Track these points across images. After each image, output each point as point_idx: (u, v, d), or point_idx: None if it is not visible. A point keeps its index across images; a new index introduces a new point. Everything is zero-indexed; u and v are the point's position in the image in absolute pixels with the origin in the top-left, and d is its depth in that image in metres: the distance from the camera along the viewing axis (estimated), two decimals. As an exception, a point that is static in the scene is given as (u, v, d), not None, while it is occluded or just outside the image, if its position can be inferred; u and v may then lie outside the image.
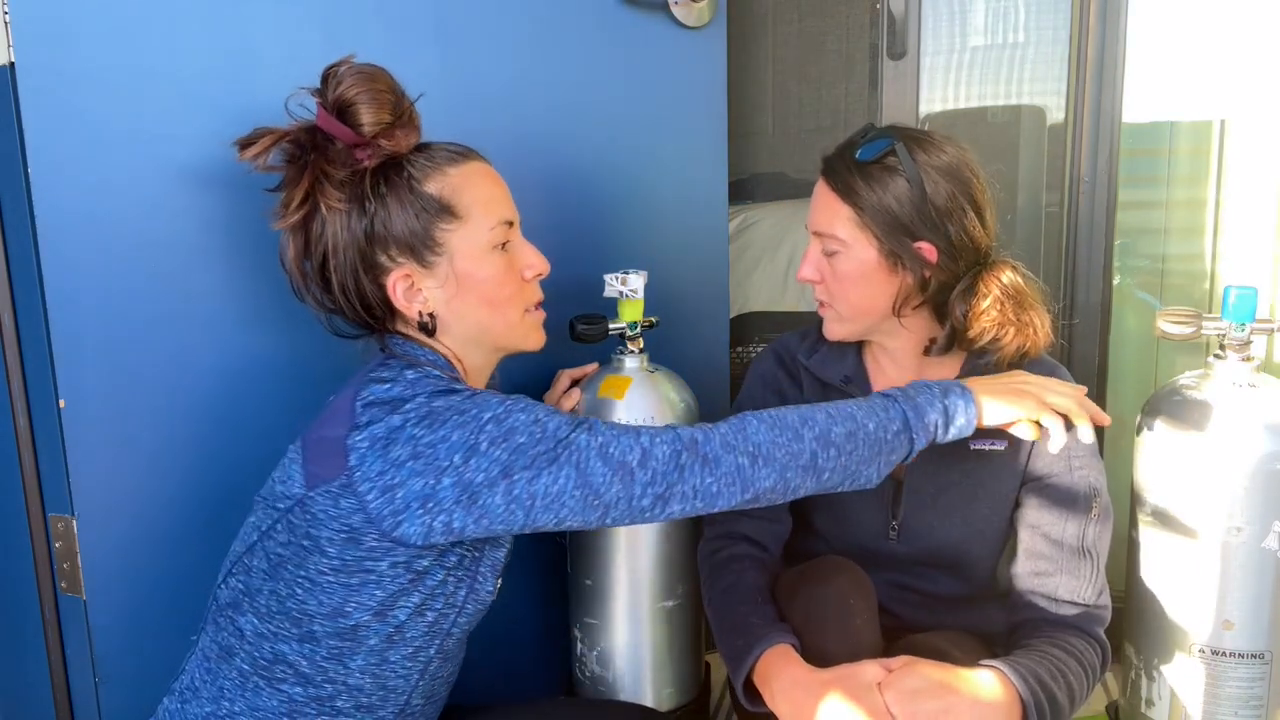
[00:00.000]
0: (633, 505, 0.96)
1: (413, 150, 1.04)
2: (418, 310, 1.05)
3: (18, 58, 1.04)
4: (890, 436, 1.02)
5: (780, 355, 1.35)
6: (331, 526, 0.95)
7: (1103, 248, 1.81)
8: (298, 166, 1.02)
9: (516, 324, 1.09)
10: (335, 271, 1.03)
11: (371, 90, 1.01)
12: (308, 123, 1.03)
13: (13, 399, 1.16)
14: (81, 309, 1.10)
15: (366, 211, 1.01)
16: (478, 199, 1.04)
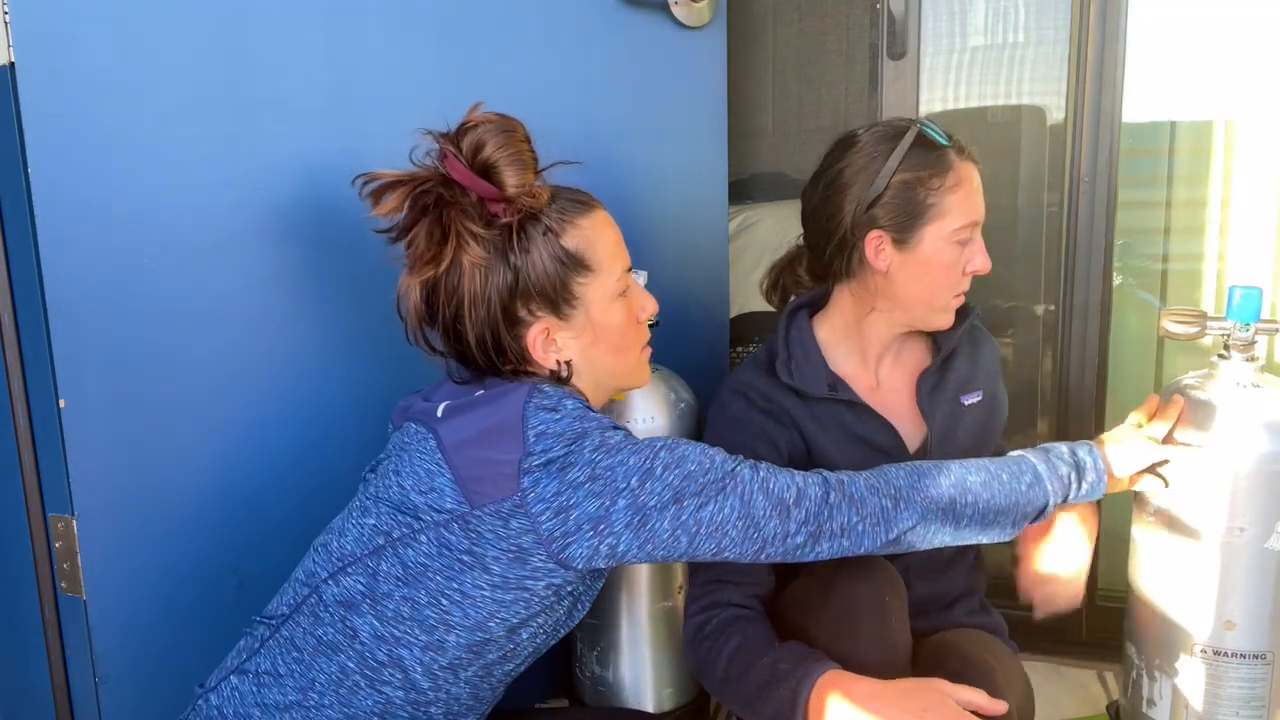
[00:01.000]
0: (788, 541, 1.01)
1: (547, 203, 1.05)
2: (554, 360, 1.06)
3: (18, 58, 1.04)
4: (1025, 488, 1.08)
5: (747, 396, 1.26)
6: (499, 545, 0.97)
7: (1103, 248, 1.81)
8: (433, 219, 1.01)
9: (635, 365, 1.13)
10: (472, 324, 1.03)
11: (515, 151, 1.02)
12: (438, 172, 1.02)
13: (13, 399, 1.16)
14: (81, 309, 1.10)
15: (511, 266, 1.02)
16: (606, 250, 1.07)
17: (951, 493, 1.05)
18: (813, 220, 1.29)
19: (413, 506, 1.00)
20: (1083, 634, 1.91)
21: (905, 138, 1.20)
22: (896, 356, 1.32)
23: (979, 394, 1.31)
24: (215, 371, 1.20)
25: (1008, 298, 1.96)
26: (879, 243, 1.22)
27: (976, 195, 1.22)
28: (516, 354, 1.05)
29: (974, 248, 1.22)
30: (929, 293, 1.23)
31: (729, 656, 1.13)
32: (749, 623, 1.16)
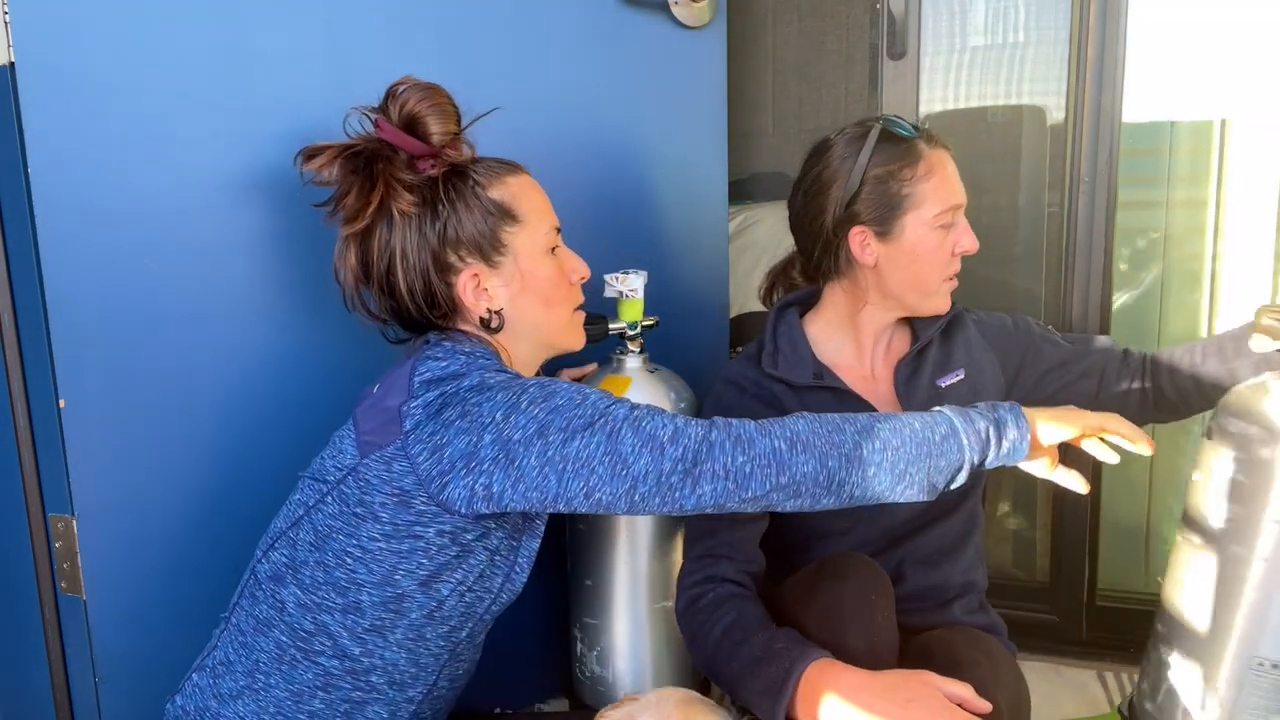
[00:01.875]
0: (661, 481, 0.97)
1: (472, 160, 1.13)
2: (485, 307, 1.11)
3: (18, 58, 1.04)
4: (938, 439, 1.01)
5: (739, 384, 1.33)
6: (384, 491, 1.00)
7: (1103, 248, 1.81)
8: (364, 175, 1.07)
9: (566, 324, 1.17)
10: (404, 274, 1.08)
11: (436, 104, 1.10)
12: (371, 136, 1.10)
13: (13, 399, 1.16)
14: (81, 309, 1.10)
15: (439, 215, 1.08)
16: (532, 207, 1.13)
17: (856, 438, 1.00)
18: (798, 225, 1.34)
19: (324, 472, 1.05)
20: (1083, 634, 1.91)
21: (871, 134, 1.25)
22: (887, 347, 1.35)
23: (959, 373, 1.32)
24: (215, 371, 1.20)
25: (1008, 298, 1.96)
26: (863, 238, 1.27)
27: (952, 180, 1.26)
28: (447, 301, 1.10)
29: (959, 230, 1.27)
30: (920, 279, 1.27)
31: (723, 630, 1.14)
32: (744, 601, 1.18)
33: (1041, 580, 1.98)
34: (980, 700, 1.01)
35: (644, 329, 1.41)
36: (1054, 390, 1.34)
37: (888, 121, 1.26)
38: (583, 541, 1.41)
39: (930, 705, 0.99)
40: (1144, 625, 1.88)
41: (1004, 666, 1.17)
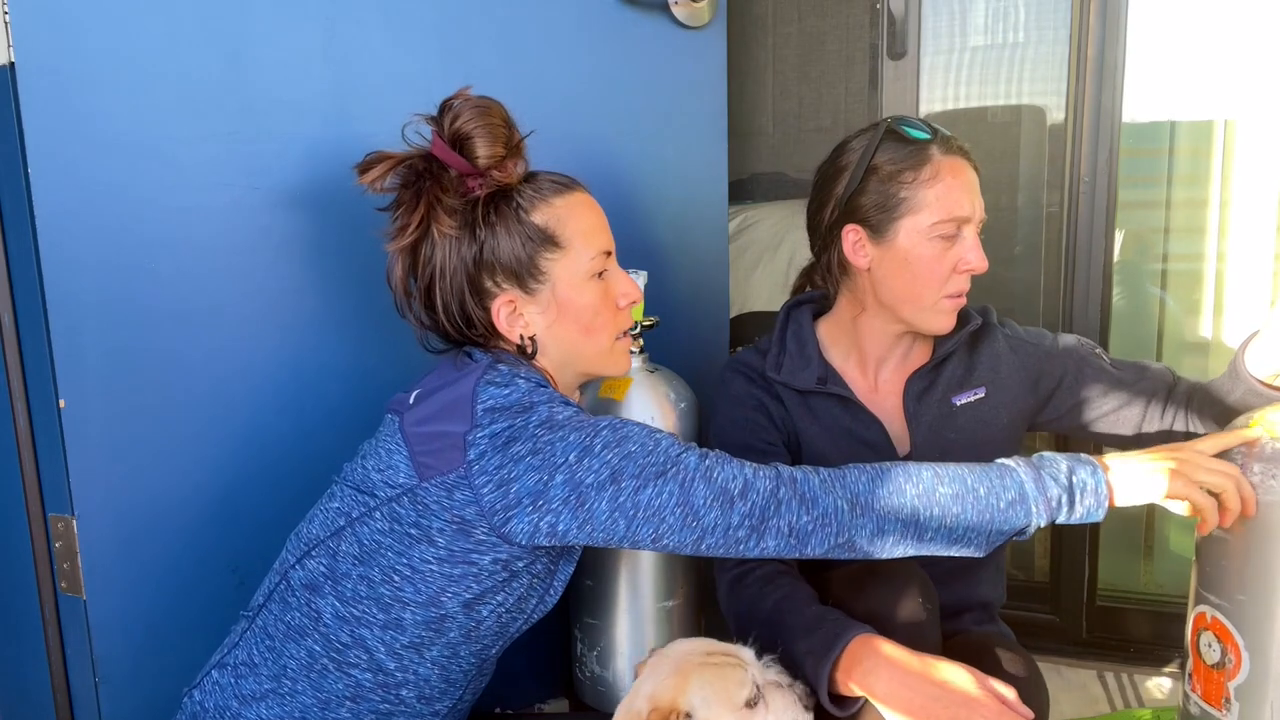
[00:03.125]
0: (729, 534, 0.99)
1: (521, 180, 1.10)
2: (519, 334, 1.09)
3: (18, 58, 1.04)
4: (1004, 506, 0.99)
5: (747, 374, 1.30)
6: (443, 517, 0.99)
7: (1103, 248, 1.81)
8: (412, 191, 1.06)
9: (607, 350, 1.14)
10: (441, 293, 1.08)
11: (487, 124, 1.07)
12: (423, 150, 1.08)
13: (13, 399, 1.16)
14: (81, 309, 1.10)
15: (477, 239, 1.06)
16: (579, 230, 1.09)
17: (916, 504, 0.99)
18: (807, 220, 1.32)
19: (371, 485, 1.04)
20: (1083, 634, 1.91)
21: (877, 132, 1.21)
22: (902, 360, 1.30)
23: (978, 391, 1.28)
24: (215, 371, 1.20)
25: (1008, 297, 1.96)
26: (855, 237, 1.23)
27: (961, 191, 1.18)
28: (483, 324, 1.09)
29: (964, 245, 1.19)
30: (912, 290, 1.21)
31: (775, 603, 1.13)
32: (794, 580, 1.16)
33: (1041, 580, 1.98)
34: (1023, 706, 0.99)
35: (644, 329, 1.41)
36: (1094, 418, 1.29)
37: (898, 121, 1.22)
38: (583, 541, 1.41)
39: (968, 690, 0.98)
40: (1144, 625, 1.90)
41: (1041, 681, 1.16)
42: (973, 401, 1.28)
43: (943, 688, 0.99)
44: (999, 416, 1.29)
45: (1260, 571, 0.98)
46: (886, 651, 1.02)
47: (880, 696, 0.99)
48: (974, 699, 0.98)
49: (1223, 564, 1.01)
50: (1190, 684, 1.07)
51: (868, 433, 1.25)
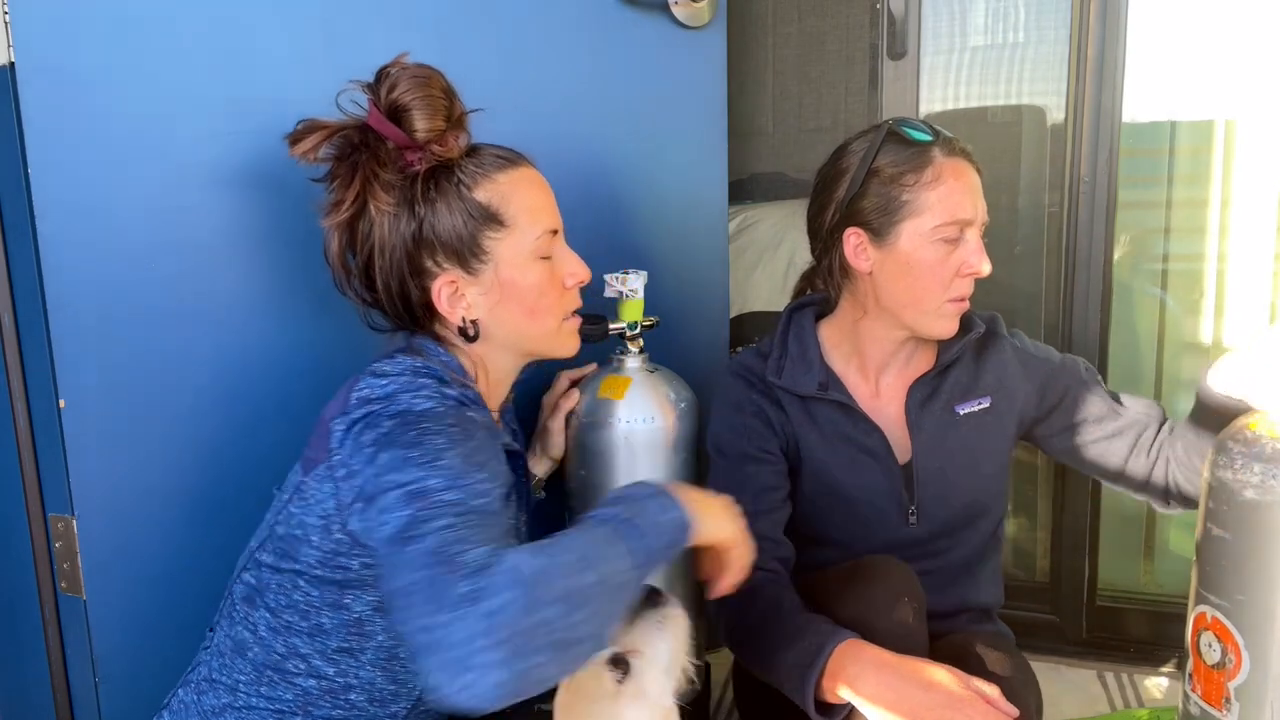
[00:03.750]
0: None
1: (463, 154, 1.05)
2: (460, 316, 1.05)
3: (18, 58, 1.04)
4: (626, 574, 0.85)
5: (746, 378, 1.29)
6: (315, 512, 0.96)
7: (1103, 248, 1.81)
8: (348, 164, 1.02)
9: (553, 333, 1.10)
10: (380, 272, 1.04)
11: (426, 95, 1.01)
12: (358, 120, 1.03)
13: (13, 399, 1.16)
14: (81, 309, 1.10)
15: (416, 215, 1.02)
16: (524, 207, 1.05)
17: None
18: (809, 224, 1.30)
19: (284, 486, 1.02)
20: (1083, 634, 1.91)
21: (878, 134, 1.20)
22: (904, 366, 1.29)
23: (983, 400, 1.27)
24: (215, 371, 1.20)
25: (1008, 298, 1.96)
26: (857, 240, 1.21)
27: (963, 194, 1.17)
28: (422, 305, 1.05)
29: (967, 248, 1.18)
30: (914, 294, 1.19)
31: (760, 613, 1.14)
32: (780, 587, 1.17)
33: (1041, 580, 1.98)
34: (1007, 704, 1.01)
35: (644, 329, 1.41)
36: (1085, 442, 1.29)
37: (899, 123, 1.20)
38: (583, 541, 1.41)
39: (953, 691, 0.99)
40: (1144, 625, 1.90)
41: (1031, 676, 1.17)
42: (976, 411, 1.27)
43: (928, 689, 1.00)
44: (1003, 428, 1.29)
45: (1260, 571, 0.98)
46: (871, 656, 1.03)
47: (866, 698, 1.00)
48: (959, 698, 0.99)
49: (1223, 564, 1.01)
50: (1190, 684, 1.07)
51: (868, 440, 1.25)
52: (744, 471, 1.25)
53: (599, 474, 1.37)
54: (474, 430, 0.93)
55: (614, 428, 1.35)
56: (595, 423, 1.36)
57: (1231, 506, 0.99)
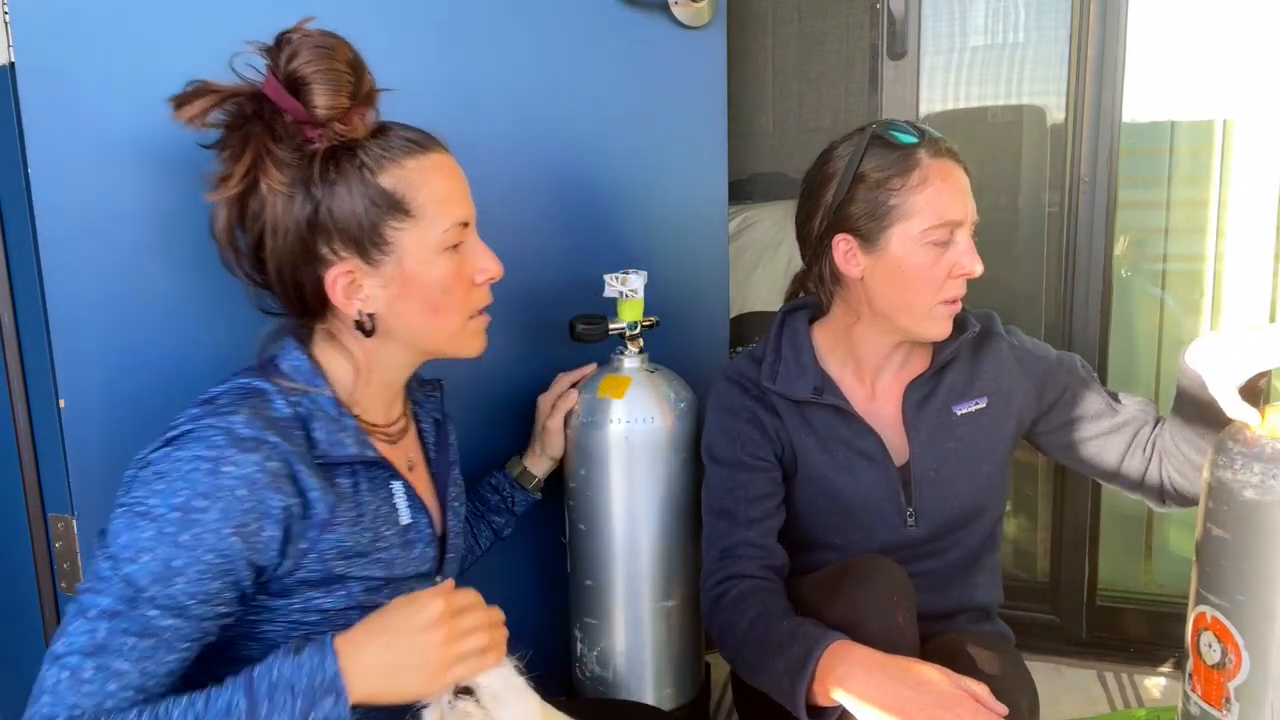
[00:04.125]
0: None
1: (369, 134, 0.95)
2: (356, 309, 0.97)
3: (18, 58, 1.04)
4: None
5: (741, 384, 1.29)
6: None
7: (1103, 248, 1.81)
8: (240, 135, 0.93)
9: (457, 331, 1.02)
10: (271, 255, 0.95)
11: (330, 70, 0.92)
12: (254, 87, 0.94)
13: (13, 399, 1.16)
14: (81, 309, 1.10)
15: (312, 198, 0.93)
16: (434, 197, 0.96)
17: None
18: (797, 230, 1.29)
19: None
20: (1083, 634, 1.91)
21: (863, 138, 1.18)
22: (900, 367, 1.28)
23: (980, 401, 1.27)
24: (215, 372, 1.19)
25: (1008, 298, 1.96)
26: (846, 247, 1.20)
27: (952, 195, 1.16)
28: (314, 295, 0.97)
29: (958, 249, 1.16)
30: (906, 298, 1.19)
31: (750, 622, 1.14)
32: (770, 594, 1.17)
33: (1041, 580, 1.98)
34: (996, 702, 1.01)
35: (644, 329, 1.41)
36: (1083, 439, 1.28)
37: (883, 126, 1.19)
38: (583, 541, 1.41)
39: (942, 690, 0.99)
40: (1144, 625, 1.90)
41: (1025, 675, 1.17)
42: (973, 411, 1.27)
43: (918, 688, 1.00)
44: (1001, 427, 1.28)
45: (1260, 571, 0.98)
46: (860, 656, 1.03)
47: (856, 699, 1.01)
48: (949, 697, 0.99)
49: (1223, 564, 1.01)
50: (1190, 684, 1.07)
51: (863, 444, 1.25)
52: (737, 479, 1.25)
53: (599, 474, 1.37)
54: (220, 504, 0.84)
55: (614, 428, 1.35)
56: (595, 423, 1.36)
57: (1231, 506, 0.98)
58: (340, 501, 0.93)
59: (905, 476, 1.26)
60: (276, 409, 0.92)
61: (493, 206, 1.43)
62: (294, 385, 0.95)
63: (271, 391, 0.93)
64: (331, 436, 0.94)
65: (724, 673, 1.61)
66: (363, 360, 1.00)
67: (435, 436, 1.14)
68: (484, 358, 1.47)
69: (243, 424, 0.87)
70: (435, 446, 1.13)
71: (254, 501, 0.85)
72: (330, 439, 0.94)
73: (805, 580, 1.21)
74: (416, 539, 1.02)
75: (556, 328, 1.44)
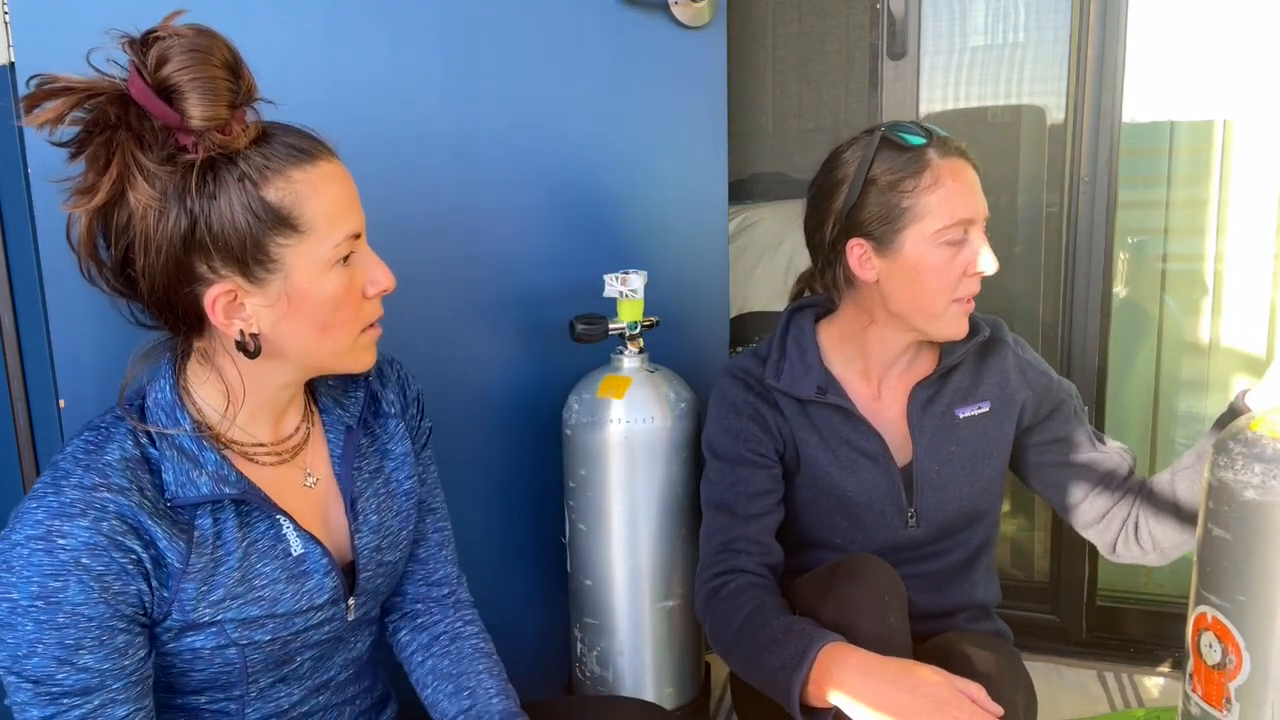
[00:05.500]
0: None
1: (250, 142, 0.86)
2: (239, 330, 0.88)
3: (18, 58, 1.04)
4: None
5: (746, 381, 1.28)
6: None
7: (1103, 248, 1.81)
8: (101, 143, 0.83)
9: (347, 348, 0.94)
10: (142, 272, 0.86)
11: (205, 76, 0.82)
12: (117, 86, 0.84)
13: (13, 399, 1.16)
14: (81, 310, 1.10)
15: (188, 212, 0.83)
16: (323, 211, 0.87)
17: None
18: (806, 236, 1.29)
19: None
20: (1083, 634, 1.91)
21: (871, 143, 1.18)
22: (907, 368, 1.28)
23: (983, 405, 1.27)
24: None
25: (1007, 298, 1.96)
26: (861, 251, 1.20)
27: (964, 193, 1.16)
28: (191, 314, 0.89)
29: (972, 248, 1.17)
30: (923, 299, 1.18)
31: (745, 617, 1.14)
32: (766, 591, 1.18)
33: (1041, 580, 1.98)
34: (991, 703, 1.01)
35: (644, 329, 1.41)
36: (1060, 461, 1.28)
37: (891, 128, 1.19)
38: (583, 541, 1.41)
39: (938, 693, 0.99)
40: (1144, 625, 1.90)
41: (1021, 674, 1.17)
42: (976, 415, 1.27)
43: (913, 691, 1.00)
44: (1002, 432, 1.28)
45: (1260, 571, 0.98)
46: (855, 660, 1.03)
47: (851, 702, 1.01)
48: (944, 699, 0.99)
49: (1223, 564, 1.01)
50: (1190, 684, 1.07)
51: (866, 444, 1.25)
52: (738, 473, 1.25)
53: (599, 474, 1.37)
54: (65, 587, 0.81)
55: (613, 428, 1.35)
56: (595, 423, 1.36)
57: (1232, 507, 0.98)
58: (194, 548, 0.88)
59: (907, 477, 1.26)
60: (113, 455, 0.86)
61: (492, 207, 1.43)
62: (147, 427, 0.89)
63: (120, 433, 0.88)
64: (182, 477, 0.88)
65: (724, 673, 1.61)
66: (236, 382, 0.92)
67: (343, 447, 1.02)
68: (484, 358, 1.47)
69: (72, 486, 0.83)
70: (341, 459, 1.02)
71: (103, 565, 0.82)
72: (180, 480, 0.88)
73: (797, 581, 1.22)
74: (311, 569, 0.95)
75: (556, 328, 1.44)
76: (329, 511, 1.00)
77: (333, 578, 0.96)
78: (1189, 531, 1.20)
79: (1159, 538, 1.22)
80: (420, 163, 1.35)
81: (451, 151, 1.37)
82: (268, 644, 0.92)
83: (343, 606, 0.98)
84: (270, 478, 0.95)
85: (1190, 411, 1.95)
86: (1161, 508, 1.22)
